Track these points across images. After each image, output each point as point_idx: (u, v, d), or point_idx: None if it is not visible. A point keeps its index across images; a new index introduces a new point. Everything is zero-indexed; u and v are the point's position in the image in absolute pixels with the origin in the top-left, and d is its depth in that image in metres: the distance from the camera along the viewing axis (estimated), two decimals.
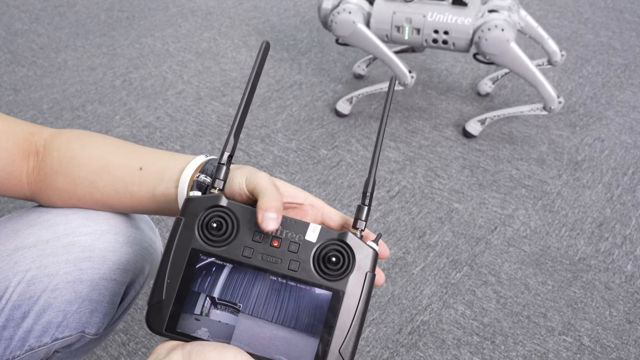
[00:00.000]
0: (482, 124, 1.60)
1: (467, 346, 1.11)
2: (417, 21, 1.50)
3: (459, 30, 1.48)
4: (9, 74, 1.90)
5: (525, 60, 1.47)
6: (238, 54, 2.01)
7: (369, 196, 0.52)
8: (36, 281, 0.61)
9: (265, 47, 0.53)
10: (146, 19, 2.21)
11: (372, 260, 0.50)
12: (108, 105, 1.76)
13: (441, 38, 1.51)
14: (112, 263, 0.63)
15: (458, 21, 1.48)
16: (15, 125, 0.64)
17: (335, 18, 1.53)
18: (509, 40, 1.44)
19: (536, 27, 1.61)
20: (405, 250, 1.31)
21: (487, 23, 1.45)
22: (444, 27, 1.49)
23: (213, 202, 0.50)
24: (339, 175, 1.51)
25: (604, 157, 1.57)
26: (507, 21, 1.46)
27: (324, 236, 0.50)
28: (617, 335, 1.14)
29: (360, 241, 0.50)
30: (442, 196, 1.45)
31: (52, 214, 0.64)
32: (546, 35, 1.62)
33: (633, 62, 1.96)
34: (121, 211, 0.65)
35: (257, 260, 0.49)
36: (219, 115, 1.72)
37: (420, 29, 1.50)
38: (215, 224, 0.49)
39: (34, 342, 0.63)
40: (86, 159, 0.62)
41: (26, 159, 0.63)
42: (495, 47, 1.45)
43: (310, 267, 0.49)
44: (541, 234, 1.35)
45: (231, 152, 0.52)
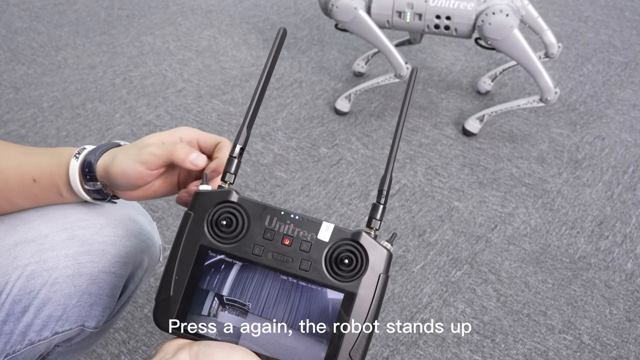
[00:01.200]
0: (480, 122, 1.59)
1: (467, 344, 1.11)
2: (418, 6, 1.48)
3: (461, 16, 1.46)
4: (9, 72, 1.89)
5: (527, 48, 1.46)
6: (238, 52, 2.01)
7: (385, 195, 0.50)
8: (36, 275, 0.61)
9: (282, 34, 0.53)
10: (146, 17, 2.21)
11: (386, 262, 0.48)
12: (108, 104, 1.76)
13: (443, 23, 1.49)
14: (111, 256, 0.63)
15: (460, 6, 1.46)
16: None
17: (337, 2, 1.52)
18: (512, 27, 1.42)
19: (537, 17, 1.59)
20: (405, 248, 1.31)
21: (491, 7, 1.43)
22: (446, 12, 1.47)
23: (223, 198, 0.49)
24: (339, 174, 1.51)
25: (604, 156, 1.57)
26: (511, 6, 1.44)
27: (337, 235, 0.48)
28: (617, 333, 1.14)
29: (374, 241, 0.49)
30: (443, 194, 1.45)
31: (50, 208, 0.64)
32: (546, 27, 1.60)
33: (633, 60, 1.96)
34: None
35: (267, 259, 0.48)
36: (219, 113, 1.72)
37: (422, 14, 1.49)
38: (224, 221, 0.48)
39: (34, 336, 0.63)
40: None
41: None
42: (499, 32, 1.43)
43: (321, 268, 0.48)
44: (541, 232, 1.35)
45: (243, 145, 0.52)
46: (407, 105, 0.51)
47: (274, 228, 0.49)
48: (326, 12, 1.58)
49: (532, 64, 1.47)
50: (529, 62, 1.47)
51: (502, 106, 1.57)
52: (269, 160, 1.55)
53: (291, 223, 0.49)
